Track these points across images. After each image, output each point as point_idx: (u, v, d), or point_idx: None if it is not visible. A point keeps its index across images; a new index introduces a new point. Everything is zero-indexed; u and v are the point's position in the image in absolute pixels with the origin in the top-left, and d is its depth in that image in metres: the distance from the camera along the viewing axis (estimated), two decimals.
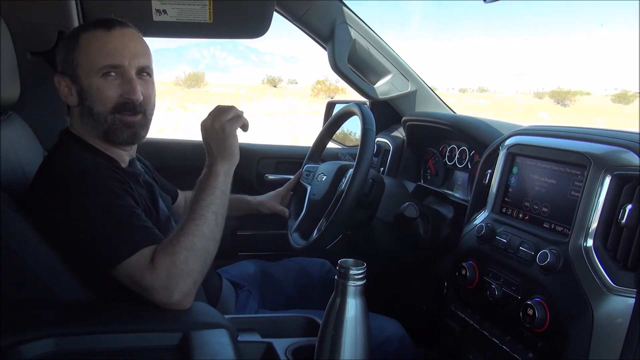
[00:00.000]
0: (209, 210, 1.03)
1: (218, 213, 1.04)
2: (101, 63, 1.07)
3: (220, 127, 1.08)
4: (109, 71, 1.07)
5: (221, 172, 1.08)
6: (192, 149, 1.98)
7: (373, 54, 1.85)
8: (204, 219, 1.02)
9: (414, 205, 1.38)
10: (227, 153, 1.09)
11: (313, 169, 1.63)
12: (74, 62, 1.08)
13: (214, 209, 1.04)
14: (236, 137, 1.10)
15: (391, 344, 1.29)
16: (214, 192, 1.05)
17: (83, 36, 1.09)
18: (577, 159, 1.01)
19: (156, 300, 0.96)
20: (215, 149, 1.09)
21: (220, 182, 1.07)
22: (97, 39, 1.08)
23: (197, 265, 0.99)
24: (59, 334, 0.87)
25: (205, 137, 1.11)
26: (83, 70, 1.08)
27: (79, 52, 1.08)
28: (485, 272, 1.16)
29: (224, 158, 1.09)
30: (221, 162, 1.08)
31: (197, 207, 1.04)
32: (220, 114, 1.09)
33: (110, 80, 1.08)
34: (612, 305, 0.88)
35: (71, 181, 1.01)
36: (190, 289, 0.98)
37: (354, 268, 0.78)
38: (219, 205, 1.05)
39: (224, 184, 1.08)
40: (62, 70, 1.11)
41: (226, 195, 1.08)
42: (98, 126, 1.10)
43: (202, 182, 1.08)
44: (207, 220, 1.02)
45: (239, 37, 1.69)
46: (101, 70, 1.07)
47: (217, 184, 1.06)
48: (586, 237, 0.94)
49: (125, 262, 0.96)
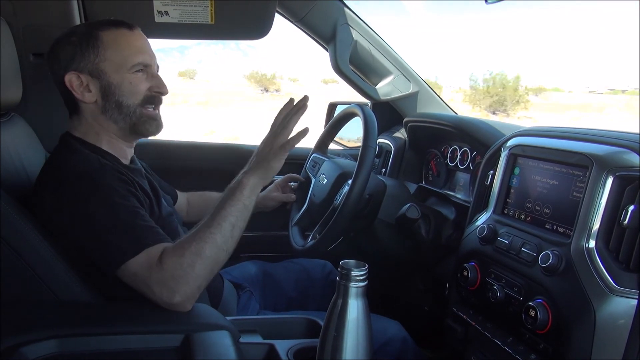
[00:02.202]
0: (226, 220, 1.03)
1: (235, 225, 1.04)
2: (135, 60, 1.12)
3: (271, 146, 1.12)
4: (141, 68, 1.13)
5: (248, 186, 1.08)
6: (191, 151, 1.98)
7: (375, 55, 1.85)
8: (219, 228, 1.02)
9: (416, 206, 1.38)
10: (262, 170, 1.10)
11: (319, 160, 1.64)
12: (98, 58, 1.10)
13: (232, 220, 1.04)
14: (281, 161, 1.12)
15: (393, 345, 1.29)
16: (236, 204, 1.06)
17: (105, 34, 1.11)
18: (579, 160, 1.01)
19: (158, 300, 0.96)
20: (257, 161, 1.12)
21: (245, 196, 1.07)
22: (124, 36, 1.13)
23: (203, 272, 0.99)
24: (61, 335, 0.87)
25: (259, 147, 1.15)
26: (112, 66, 1.11)
27: (106, 49, 1.10)
28: (487, 274, 1.16)
29: (257, 174, 1.10)
30: (253, 175, 1.10)
31: (216, 215, 1.04)
32: (277, 135, 1.12)
33: (140, 76, 1.13)
34: (615, 307, 0.88)
35: (76, 182, 1.02)
36: (193, 293, 0.98)
37: (356, 269, 0.78)
38: (237, 217, 1.05)
39: (249, 198, 1.08)
40: (77, 68, 1.11)
41: (248, 210, 1.08)
42: (127, 119, 1.14)
43: (229, 190, 1.09)
44: (223, 230, 1.02)
45: (241, 38, 1.70)
46: (134, 66, 1.12)
47: (241, 197, 1.07)
48: (588, 238, 0.94)
49: (130, 261, 0.96)
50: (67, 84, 1.11)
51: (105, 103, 1.12)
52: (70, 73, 1.11)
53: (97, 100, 1.12)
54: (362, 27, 1.81)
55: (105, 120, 1.14)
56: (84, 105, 1.13)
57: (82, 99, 1.12)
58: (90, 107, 1.13)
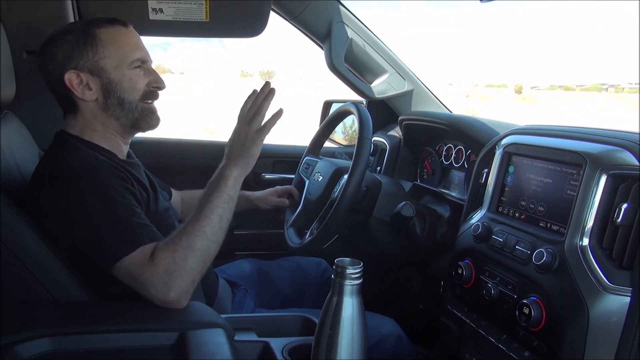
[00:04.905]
0: (213, 213, 1.04)
1: (223, 216, 1.05)
2: (134, 56, 1.13)
3: (246, 134, 1.12)
4: (139, 64, 1.15)
5: (231, 177, 1.09)
6: (186, 148, 1.98)
7: (370, 53, 1.85)
8: (207, 221, 1.02)
9: (411, 204, 1.38)
10: (243, 160, 1.10)
11: (312, 162, 1.64)
12: (97, 56, 1.10)
13: (219, 212, 1.04)
14: (259, 147, 1.12)
15: (387, 343, 1.29)
16: (221, 196, 1.06)
17: (102, 32, 1.11)
18: (573, 158, 1.02)
19: (153, 297, 0.96)
20: (234, 152, 1.11)
21: (229, 187, 1.08)
22: (121, 34, 1.14)
23: (196, 265, 0.99)
24: (56, 334, 0.87)
25: (231, 139, 1.14)
26: (112, 63, 1.11)
27: (104, 47, 1.11)
28: (481, 271, 1.16)
29: (238, 164, 1.10)
30: (235, 167, 1.10)
31: (202, 208, 1.04)
32: (250, 122, 1.13)
33: (138, 72, 1.14)
34: (608, 304, 0.89)
35: (73, 179, 1.01)
36: (187, 287, 0.98)
37: (351, 267, 0.78)
38: (224, 209, 1.06)
39: (233, 189, 1.08)
40: (76, 66, 1.10)
41: (233, 201, 1.08)
42: (129, 115, 1.14)
43: (212, 184, 1.09)
44: (211, 222, 1.03)
45: (236, 36, 1.69)
46: (133, 62, 1.13)
47: (225, 188, 1.07)
48: (582, 236, 0.94)
49: (125, 258, 0.96)
50: (66, 82, 1.10)
51: (107, 100, 1.12)
52: (70, 72, 1.10)
53: (98, 98, 1.12)
54: (358, 25, 1.81)
55: (106, 117, 1.14)
56: (83, 104, 1.13)
57: (83, 97, 1.11)
58: (89, 105, 1.13)
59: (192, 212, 1.06)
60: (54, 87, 1.13)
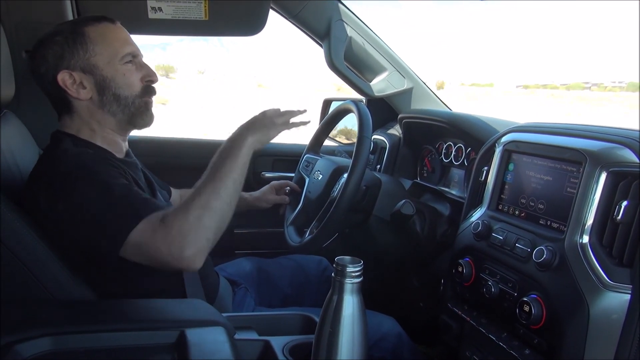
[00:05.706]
0: (228, 176, 1.03)
1: (236, 181, 1.04)
2: (124, 51, 1.13)
3: (271, 119, 1.16)
4: (130, 59, 1.14)
5: (246, 145, 1.09)
6: (184, 147, 1.98)
7: (369, 51, 1.85)
8: (222, 183, 1.02)
9: (411, 202, 1.38)
10: (260, 134, 1.13)
11: (312, 160, 1.64)
12: (88, 54, 1.10)
13: (234, 176, 1.04)
14: (276, 134, 1.18)
15: (388, 341, 1.29)
16: (235, 160, 1.06)
17: (90, 30, 1.11)
18: (572, 156, 1.02)
19: (168, 259, 0.94)
20: (255, 125, 1.14)
21: (244, 154, 1.08)
22: (110, 30, 1.14)
23: (211, 224, 0.97)
24: (56, 333, 0.86)
25: (260, 114, 1.18)
26: (104, 60, 1.11)
27: (94, 44, 1.10)
28: (481, 269, 1.16)
29: (256, 135, 1.12)
30: (252, 135, 1.11)
31: (216, 171, 1.03)
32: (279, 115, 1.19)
33: (130, 67, 1.14)
34: (608, 302, 0.89)
35: (70, 175, 1.01)
36: (203, 246, 0.96)
37: (351, 265, 0.78)
38: (238, 174, 1.05)
39: (247, 156, 1.09)
40: (68, 66, 1.10)
41: (244, 170, 1.08)
42: (125, 110, 1.14)
43: (224, 150, 1.08)
44: (225, 185, 1.02)
45: (235, 34, 1.69)
46: (124, 57, 1.13)
47: (240, 154, 1.07)
48: (582, 234, 0.94)
49: (131, 233, 0.95)
50: (60, 83, 1.10)
51: (102, 97, 1.12)
52: (62, 72, 1.10)
53: (93, 96, 1.12)
54: (357, 23, 1.81)
55: (103, 114, 1.13)
56: (77, 103, 1.13)
57: (77, 97, 1.11)
58: (84, 104, 1.13)
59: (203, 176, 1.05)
60: (47, 89, 1.13)
